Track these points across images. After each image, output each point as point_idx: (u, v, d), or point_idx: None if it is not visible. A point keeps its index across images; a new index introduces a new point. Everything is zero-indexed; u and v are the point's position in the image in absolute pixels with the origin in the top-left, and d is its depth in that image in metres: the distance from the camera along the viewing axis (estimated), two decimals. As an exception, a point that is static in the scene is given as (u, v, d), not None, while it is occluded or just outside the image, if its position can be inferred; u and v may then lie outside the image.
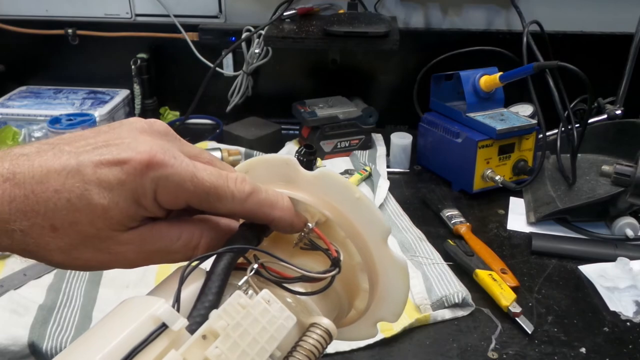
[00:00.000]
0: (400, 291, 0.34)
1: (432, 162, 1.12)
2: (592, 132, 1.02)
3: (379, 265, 0.33)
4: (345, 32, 1.08)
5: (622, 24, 1.20)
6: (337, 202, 0.33)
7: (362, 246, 0.33)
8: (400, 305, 0.35)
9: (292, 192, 0.34)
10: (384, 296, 0.34)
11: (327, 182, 0.34)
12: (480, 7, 1.25)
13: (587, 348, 0.69)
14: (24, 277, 0.78)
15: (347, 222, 0.33)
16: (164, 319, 0.26)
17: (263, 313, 0.27)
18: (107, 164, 0.29)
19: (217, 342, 0.26)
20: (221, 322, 0.26)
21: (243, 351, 0.26)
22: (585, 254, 0.86)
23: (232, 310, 0.27)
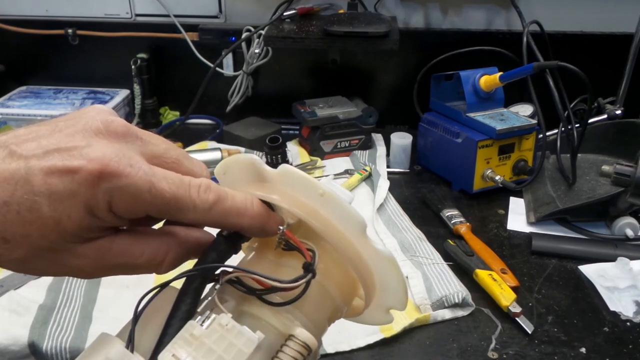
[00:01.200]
0: (396, 281, 0.33)
1: (432, 162, 1.12)
2: (592, 132, 1.02)
3: (367, 259, 0.32)
4: (345, 32, 1.08)
5: (622, 24, 1.20)
6: (306, 199, 0.32)
7: (340, 242, 0.32)
8: (401, 294, 0.34)
9: (261, 192, 0.33)
10: (384, 287, 0.34)
11: (290, 179, 0.33)
12: (480, 7, 1.25)
13: (587, 348, 0.69)
14: (24, 277, 0.78)
15: (319, 219, 0.32)
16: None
17: (218, 341, 0.27)
18: (58, 172, 0.27)
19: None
20: (171, 358, 0.26)
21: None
22: (585, 254, 0.86)
23: (183, 343, 0.26)
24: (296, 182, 0.32)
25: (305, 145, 1.18)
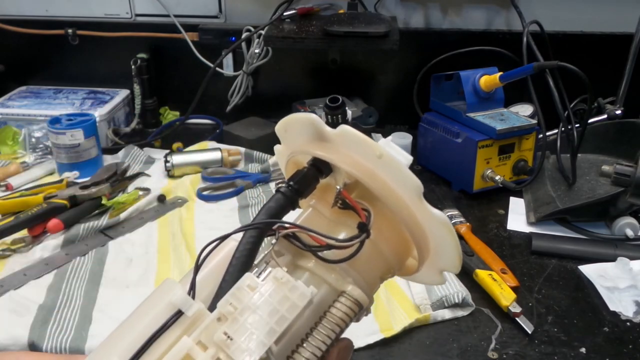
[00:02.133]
0: (450, 245, 0.33)
1: (432, 162, 1.12)
2: (592, 132, 1.02)
3: (422, 222, 0.32)
4: (345, 32, 1.08)
5: (622, 24, 1.20)
6: (364, 160, 0.32)
7: (396, 204, 0.32)
8: (456, 257, 0.34)
9: (320, 152, 0.33)
10: (438, 250, 0.34)
11: (348, 140, 0.33)
12: (480, 7, 1.25)
13: (587, 348, 0.69)
14: (24, 277, 0.78)
15: (376, 180, 0.32)
16: (179, 306, 0.27)
17: (273, 293, 0.28)
18: None
19: (224, 327, 0.27)
20: (228, 307, 0.27)
21: (251, 333, 0.27)
22: (585, 254, 0.86)
23: (240, 294, 0.27)
24: (354, 143, 0.33)
25: (305, 145, 1.18)
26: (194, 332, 0.27)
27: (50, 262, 0.81)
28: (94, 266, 0.81)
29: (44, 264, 0.80)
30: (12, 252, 0.83)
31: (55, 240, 0.86)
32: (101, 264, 0.82)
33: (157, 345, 0.27)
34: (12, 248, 0.83)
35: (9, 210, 0.89)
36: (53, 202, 0.89)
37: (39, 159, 1.12)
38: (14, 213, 0.87)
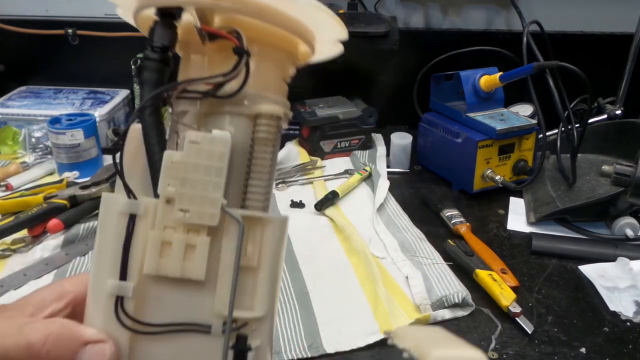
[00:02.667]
0: (324, 16, 0.33)
1: (432, 162, 1.12)
2: (592, 132, 1.02)
3: (289, 13, 0.31)
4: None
5: (622, 24, 1.20)
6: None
7: (257, 12, 0.30)
8: (336, 24, 0.35)
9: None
10: (319, 27, 0.34)
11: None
12: (480, 7, 1.25)
13: (587, 348, 0.69)
14: (24, 277, 0.78)
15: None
16: (129, 211, 0.29)
17: (197, 155, 0.28)
18: None
19: (176, 205, 0.28)
20: (168, 188, 0.28)
21: (202, 197, 0.28)
22: (585, 254, 0.86)
23: (171, 171, 0.28)
24: None
25: (305, 145, 1.18)
26: (155, 225, 0.28)
27: (50, 262, 0.81)
28: (94, 266, 0.81)
29: (44, 264, 0.80)
30: (12, 252, 0.83)
31: (55, 240, 0.86)
32: (101, 264, 0.82)
33: (134, 252, 0.29)
34: (12, 248, 0.83)
35: (9, 210, 0.89)
36: (53, 202, 0.89)
37: (39, 159, 1.12)
38: (14, 213, 0.87)
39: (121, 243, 0.29)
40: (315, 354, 0.66)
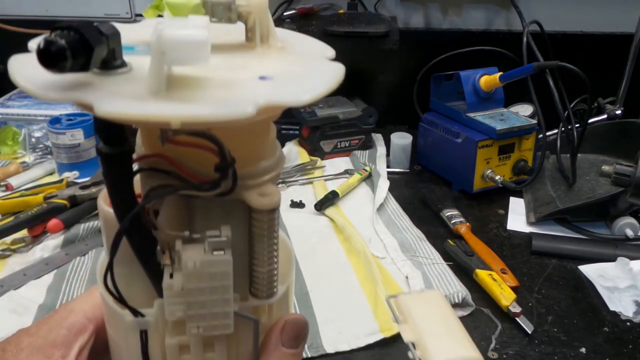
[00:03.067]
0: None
1: (432, 162, 1.12)
2: (592, 132, 1.02)
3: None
4: (345, 32, 1.08)
5: (622, 24, 1.20)
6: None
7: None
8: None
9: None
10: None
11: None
12: (480, 7, 1.25)
13: (587, 348, 0.69)
14: (24, 277, 0.78)
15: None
16: (139, 328, 0.28)
17: (199, 279, 0.27)
18: None
19: (187, 324, 0.27)
20: (176, 313, 0.27)
21: (213, 314, 0.27)
22: (585, 254, 0.86)
23: (174, 299, 0.27)
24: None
25: (305, 145, 1.18)
26: (170, 333, 0.28)
27: (50, 262, 0.81)
28: (94, 266, 0.81)
29: (44, 264, 0.80)
30: (12, 252, 0.83)
31: (55, 240, 0.86)
32: (101, 264, 0.82)
33: (154, 356, 0.28)
34: (12, 248, 0.83)
35: (9, 210, 0.89)
36: (53, 202, 0.89)
37: (39, 159, 1.12)
38: (14, 213, 0.87)
39: (139, 353, 0.29)
40: (315, 354, 0.66)
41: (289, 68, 0.28)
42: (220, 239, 0.27)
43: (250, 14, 0.30)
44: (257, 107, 0.22)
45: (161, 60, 0.22)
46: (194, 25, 0.23)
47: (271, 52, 0.30)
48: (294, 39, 0.33)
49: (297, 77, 0.26)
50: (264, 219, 0.28)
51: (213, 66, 0.26)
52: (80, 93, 0.22)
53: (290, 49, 0.31)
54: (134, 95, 0.23)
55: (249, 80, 0.25)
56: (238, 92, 0.24)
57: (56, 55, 0.21)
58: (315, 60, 0.30)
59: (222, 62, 0.27)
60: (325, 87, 0.25)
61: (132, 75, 0.25)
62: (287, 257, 0.33)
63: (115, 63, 0.25)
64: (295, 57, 0.30)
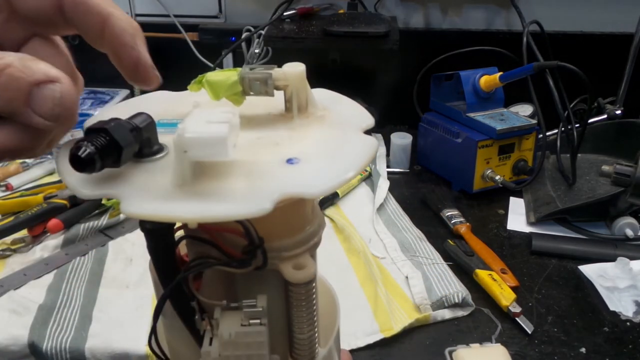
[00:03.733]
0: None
1: (432, 162, 1.12)
2: (592, 132, 1.02)
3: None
4: (345, 32, 1.08)
5: (622, 24, 1.20)
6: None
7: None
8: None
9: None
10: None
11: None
12: (480, 7, 1.25)
13: (587, 348, 0.69)
14: (24, 277, 0.78)
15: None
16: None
17: (235, 348, 0.27)
18: None
19: None
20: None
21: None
22: (585, 254, 0.86)
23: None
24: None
25: (305, 145, 1.18)
26: None
27: (50, 262, 0.81)
28: (94, 266, 0.81)
29: (44, 264, 0.80)
30: (12, 252, 0.83)
31: (55, 240, 0.86)
32: (101, 264, 0.82)
33: None
34: (12, 248, 0.83)
35: (9, 210, 0.89)
36: (53, 202, 0.89)
37: (38, 159, 1.12)
38: (14, 213, 0.87)
39: None
40: (315, 354, 0.66)
41: (320, 147, 0.28)
42: (256, 309, 0.27)
43: (288, 87, 0.30)
44: (274, 202, 0.23)
45: (184, 157, 0.24)
46: (217, 120, 0.24)
47: (308, 124, 0.30)
48: (336, 104, 0.33)
49: (324, 159, 0.27)
50: (300, 290, 0.28)
51: (245, 144, 0.27)
52: (110, 189, 0.24)
53: (329, 118, 0.31)
54: (160, 190, 0.24)
55: (274, 165, 0.25)
56: (259, 182, 0.24)
57: (85, 161, 0.23)
58: (349, 134, 0.30)
59: (256, 139, 0.28)
60: (348, 174, 0.26)
61: (166, 161, 0.26)
62: (330, 307, 0.33)
63: (151, 150, 0.26)
64: (330, 130, 0.30)
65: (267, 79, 0.30)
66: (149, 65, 0.29)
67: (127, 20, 0.28)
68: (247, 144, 0.27)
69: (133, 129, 0.25)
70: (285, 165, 0.25)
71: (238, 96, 0.31)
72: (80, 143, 0.24)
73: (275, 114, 0.31)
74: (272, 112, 0.32)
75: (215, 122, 0.24)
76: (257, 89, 0.30)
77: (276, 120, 0.31)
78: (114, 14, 0.28)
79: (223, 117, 0.25)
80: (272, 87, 0.30)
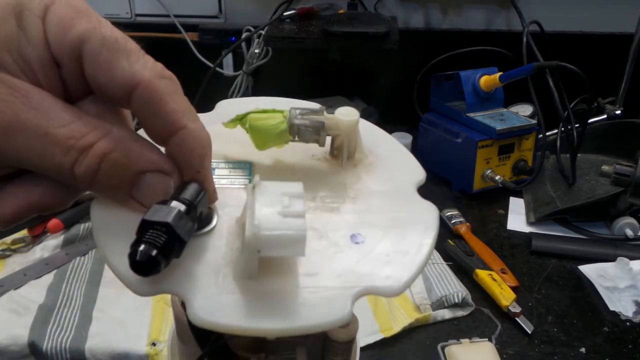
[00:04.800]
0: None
1: (432, 162, 1.12)
2: (592, 132, 1.02)
3: None
4: (345, 32, 1.08)
5: (622, 24, 1.20)
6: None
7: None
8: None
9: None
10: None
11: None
12: (480, 7, 1.25)
13: (587, 348, 0.69)
14: (24, 277, 0.78)
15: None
16: None
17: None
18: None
19: None
20: None
21: None
22: (585, 254, 0.86)
23: None
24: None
25: (305, 145, 1.18)
26: None
27: (50, 262, 0.81)
28: (94, 266, 0.81)
29: (44, 264, 0.80)
30: (12, 252, 0.83)
31: (55, 240, 0.86)
32: (101, 264, 0.82)
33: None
34: (12, 248, 0.83)
35: (9, 210, 0.89)
36: (53, 202, 0.88)
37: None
38: (14, 213, 0.87)
39: None
40: (315, 354, 0.66)
41: (381, 216, 0.26)
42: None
43: (339, 136, 0.28)
44: (353, 304, 0.21)
45: (256, 255, 0.21)
46: (293, 212, 0.22)
47: (359, 177, 0.28)
48: (379, 145, 0.31)
49: (392, 238, 0.25)
50: (341, 347, 0.27)
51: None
52: (172, 285, 0.22)
53: (378, 167, 0.29)
54: (227, 285, 0.22)
55: (339, 247, 0.23)
56: (332, 277, 0.22)
57: (149, 267, 0.20)
58: (407, 196, 0.28)
59: (311, 201, 0.26)
60: (420, 263, 0.24)
61: (212, 240, 0.24)
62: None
63: (202, 223, 0.24)
64: (385, 189, 0.28)
65: (319, 129, 0.27)
66: (211, 190, 0.25)
67: (198, 138, 0.24)
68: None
69: (189, 210, 0.22)
70: (350, 244, 0.23)
71: (283, 142, 0.28)
72: (138, 245, 0.20)
73: (319, 159, 0.29)
74: (316, 155, 0.29)
75: (292, 216, 0.21)
76: (306, 137, 0.28)
77: (323, 170, 0.28)
78: (189, 127, 0.24)
79: (298, 208, 0.22)
80: (324, 137, 0.28)
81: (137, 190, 0.23)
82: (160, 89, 0.24)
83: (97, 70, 0.23)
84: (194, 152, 0.24)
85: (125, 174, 0.22)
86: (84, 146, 0.22)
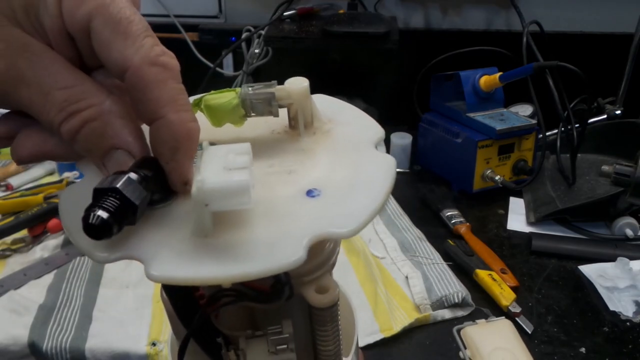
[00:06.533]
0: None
1: (432, 162, 1.12)
2: (592, 132, 1.02)
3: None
4: (345, 32, 1.08)
5: (622, 24, 1.20)
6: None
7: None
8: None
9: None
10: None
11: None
12: (480, 7, 1.25)
13: (587, 348, 0.69)
14: (24, 277, 0.78)
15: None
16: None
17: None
18: None
19: None
20: None
21: None
22: (585, 254, 0.86)
23: None
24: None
25: (305, 145, 1.18)
26: None
27: (50, 262, 0.81)
28: (94, 266, 0.81)
29: (44, 264, 0.81)
30: (12, 252, 0.83)
31: (55, 240, 0.86)
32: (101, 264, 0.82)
33: None
34: (12, 248, 0.83)
35: (9, 210, 0.89)
36: (53, 202, 0.89)
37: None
38: (14, 213, 0.87)
39: None
40: (315, 353, 0.66)
41: (337, 172, 0.26)
42: (283, 335, 0.27)
43: (292, 105, 0.29)
44: (307, 249, 0.21)
45: (205, 210, 0.22)
46: (236, 165, 0.22)
47: (317, 142, 0.29)
48: (339, 113, 0.31)
49: (347, 188, 0.25)
50: (324, 313, 0.28)
51: (257, 175, 0.25)
52: (129, 250, 0.23)
53: (337, 133, 0.29)
54: (182, 245, 0.22)
55: (295, 201, 0.24)
56: (285, 225, 0.23)
57: (101, 229, 0.21)
58: (364, 152, 0.28)
59: (267, 167, 0.26)
60: (375, 206, 0.24)
61: (174, 210, 0.24)
62: (348, 314, 0.32)
63: (161, 196, 0.25)
64: (343, 148, 0.28)
65: (270, 100, 0.28)
66: (175, 182, 0.25)
67: (173, 130, 0.25)
68: (259, 174, 0.25)
69: (143, 180, 0.23)
70: (306, 199, 0.24)
71: (240, 118, 0.29)
72: (91, 209, 0.21)
73: (279, 132, 0.30)
74: (276, 130, 0.30)
75: (235, 169, 0.22)
76: (260, 110, 0.28)
77: (282, 140, 0.29)
78: (166, 118, 0.25)
79: (241, 161, 0.23)
80: (276, 107, 0.28)
81: (107, 161, 0.25)
82: (147, 76, 0.25)
83: (99, 49, 0.25)
84: (165, 143, 0.25)
85: (99, 142, 0.25)
86: (74, 110, 0.24)
